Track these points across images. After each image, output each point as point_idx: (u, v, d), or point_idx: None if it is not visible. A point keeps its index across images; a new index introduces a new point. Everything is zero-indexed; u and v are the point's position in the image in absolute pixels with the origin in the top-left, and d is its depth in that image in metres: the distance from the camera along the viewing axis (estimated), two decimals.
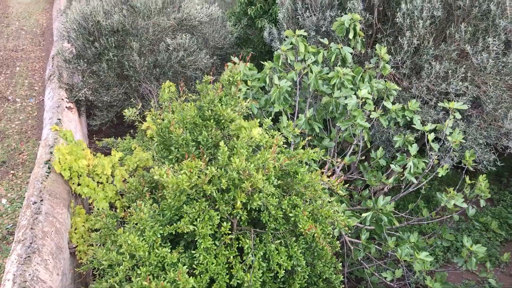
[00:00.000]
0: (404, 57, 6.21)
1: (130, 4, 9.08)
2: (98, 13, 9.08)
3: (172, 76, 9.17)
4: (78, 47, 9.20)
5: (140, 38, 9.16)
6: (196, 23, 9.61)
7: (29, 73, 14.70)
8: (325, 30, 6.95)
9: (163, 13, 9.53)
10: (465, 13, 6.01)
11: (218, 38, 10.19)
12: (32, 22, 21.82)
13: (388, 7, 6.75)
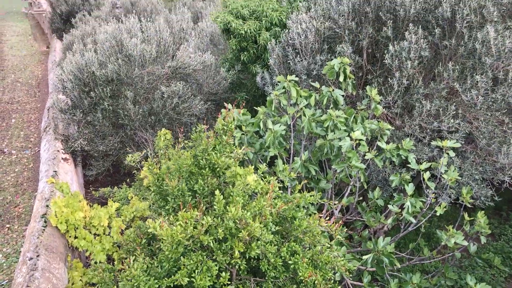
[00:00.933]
0: (395, 97, 6.31)
1: (125, 54, 9.26)
2: (93, 64, 9.25)
3: (167, 123, 9.24)
4: (73, 97, 9.31)
5: (135, 87, 9.30)
6: (190, 70, 9.79)
7: (24, 124, 14.79)
8: (316, 74, 7.08)
9: (157, 62, 9.71)
10: (451, 52, 6.15)
11: (212, 84, 10.35)
12: (27, 74, 22.15)
13: (377, 49, 6.91)
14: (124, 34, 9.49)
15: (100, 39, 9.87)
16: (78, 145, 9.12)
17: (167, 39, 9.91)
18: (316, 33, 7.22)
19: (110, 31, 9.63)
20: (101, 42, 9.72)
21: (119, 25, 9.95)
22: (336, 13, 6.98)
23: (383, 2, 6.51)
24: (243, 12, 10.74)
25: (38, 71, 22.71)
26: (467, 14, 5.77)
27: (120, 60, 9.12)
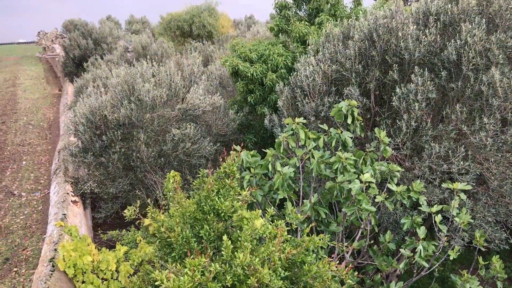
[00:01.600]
0: (404, 139, 6.30)
1: (137, 98, 9.41)
2: (105, 108, 9.41)
3: (177, 165, 9.28)
4: (85, 140, 9.42)
5: (145, 130, 9.40)
6: (199, 112, 9.90)
7: (35, 166, 14.91)
8: (324, 115, 7.13)
9: (167, 105, 9.85)
10: (459, 94, 6.18)
11: (221, 125, 10.45)
12: (39, 116, 22.54)
13: (384, 91, 6.97)
14: (137, 79, 9.67)
15: (112, 83, 10.07)
16: (88, 187, 9.16)
17: (178, 82, 10.08)
18: (323, 75, 7.32)
19: (123, 75, 9.83)
20: (113, 86, 9.91)
21: (131, 69, 10.16)
22: (343, 57, 7.09)
23: (388, 45, 6.61)
24: (251, 56, 10.97)
25: (49, 114, 23.11)
26: (473, 57, 5.83)
27: (132, 104, 9.26)
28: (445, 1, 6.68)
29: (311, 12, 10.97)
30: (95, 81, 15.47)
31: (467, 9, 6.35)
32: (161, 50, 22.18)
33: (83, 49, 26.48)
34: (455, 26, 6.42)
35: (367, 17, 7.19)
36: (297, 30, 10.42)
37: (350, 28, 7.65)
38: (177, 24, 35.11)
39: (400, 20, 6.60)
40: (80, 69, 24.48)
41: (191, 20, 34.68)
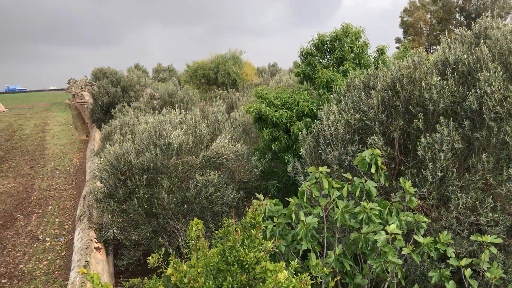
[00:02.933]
0: (430, 189, 6.20)
1: (163, 143, 9.55)
2: (130, 153, 9.58)
3: (199, 212, 9.28)
4: (109, 186, 9.55)
5: (169, 175, 9.50)
6: (223, 160, 9.99)
7: (60, 211, 15.11)
8: (347, 164, 7.10)
9: (192, 152, 9.98)
10: (484, 143, 6.10)
11: (244, 172, 10.48)
12: (66, 161, 23.04)
13: (408, 140, 6.93)
14: (165, 125, 9.88)
15: (140, 129, 10.30)
16: (111, 234, 9.20)
17: (203, 130, 10.25)
18: (346, 124, 7.34)
19: (151, 122, 10.06)
20: (140, 132, 10.13)
21: (159, 116, 10.38)
22: (366, 106, 7.13)
23: (412, 95, 6.63)
24: (276, 103, 11.13)
25: (76, 159, 23.60)
26: (493, 106, 5.79)
27: (158, 148, 9.41)
28: (462, 51, 6.72)
29: (336, 61, 11.15)
30: (122, 128, 15.84)
31: (481, 58, 6.36)
32: (187, 98, 22.70)
33: (111, 96, 27.30)
34: (473, 75, 6.42)
35: (390, 67, 7.27)
36: (324, 75, 10.56)
37: (372, 77, 7.73)
38: (202, 72, 36.05)
39: (423, 70, 6.64)
40: (108, 115, 25.17)
41: (216, 68, 35.59)
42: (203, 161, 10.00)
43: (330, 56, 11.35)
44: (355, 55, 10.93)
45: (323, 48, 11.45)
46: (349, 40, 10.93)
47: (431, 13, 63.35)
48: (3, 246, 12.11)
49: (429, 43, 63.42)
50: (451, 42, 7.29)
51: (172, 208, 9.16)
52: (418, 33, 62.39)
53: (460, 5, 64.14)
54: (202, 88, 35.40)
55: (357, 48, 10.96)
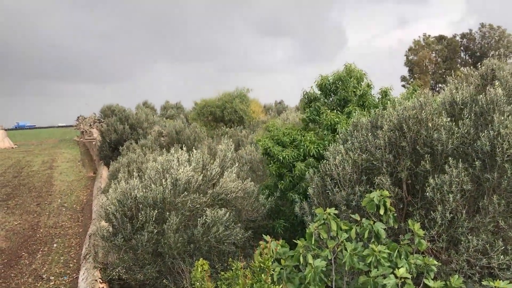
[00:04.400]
0: (439, 231, 6.12)
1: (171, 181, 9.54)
2: (137, 189, 9.58)
3: (206, 252, 9.17)
4: (116, 223, 9.50)
5: (177, 212, 9.45)
6: (231, 197, 9.96)
7: (65, 249, 15.00)
8: (355, 205, 7.05)
9: (200, 190, 9.96)
10: (495, 185, 6.05)
11: (251, 211, 10.41)
12: (73, 199, 23.04)
13: (416, 180, 6.89)
14: (173, 162, 9.91)
15: (148, 167, 10.34)
16: (116, 273, 9.09)
17: (213, 169, 10.27)
18: (353, 164, 7.34)
19: (160, 160, 10.11)
20: (149, 170, 10.17)
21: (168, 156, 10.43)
22: (373, 146, 7.14)
23: (419, 136, 6.65)
24: (284, 139, 11.19)
25: (83, 196, 23.60)
26: (507, 148, 5.77)
27: (166, 185, 9.40)
28: (472, 92, 6.77)
29: (339, 102, 11.25)
30: (129, 165, 15.91)
31: (495, 99, 6.39)
32: (194, 135, 22.86)
33: (119, 134, 27.56)
34: (486, 116, 6.43)
35: (396, 108, 7.32)
36: (328, 118, 10.65)
37: (378, 117, 7.78)
38: (210, 110, 36.43)
39: (430, 111, 6.68)
40: (116, 152, 25.33)
41: (223, 106, 35.97)
42: (211, 198, 9.97)
43: (334, 97, 11.46)
44: (359, 97, 11.04)
45: (326, 90, 11.58)
46: (352, 83, 11.07)
47: (436, 52, 64.17)
48: (7, 285, 11.97)
49: (435, 82, 63.92)
50: (458, 83, 7.35)
51: (178, 247, 9.06)
52: (424, 72, 63.01)
53: (464, 44, 65.00)
54: (210, 126, 35.69)
55: (360, 91, 11.08)
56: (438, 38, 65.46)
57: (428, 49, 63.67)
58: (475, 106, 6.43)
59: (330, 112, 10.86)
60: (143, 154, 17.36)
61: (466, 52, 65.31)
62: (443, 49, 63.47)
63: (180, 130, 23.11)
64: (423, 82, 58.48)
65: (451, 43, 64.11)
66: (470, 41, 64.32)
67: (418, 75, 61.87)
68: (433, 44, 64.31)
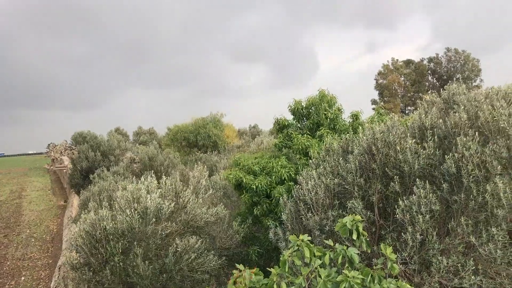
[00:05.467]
0: (411, 253, 6.17)
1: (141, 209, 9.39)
2: (106, 220, 9.38)
3: (179, 281, 9.00)
4: (84, 254, 9.26)
5: (147, 242, 9.27)
6: (202, 223, 9.84)
7: (34, 282, 14.49)
8: (329, 229, 7.06)
9: (171, 218, 9.82)
10: (462, 206, 6.17)
11: (225, 238, 10.31)
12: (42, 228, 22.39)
13: (387, 203, 6.97)
14: (142, 191, 9.76)
15: (118, 195, 10.16)
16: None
17: (186, 196, 10.16)
18: (326, 189, 7.38)
19: (130, 188, 9.95)
20: (118, 199, 9.98)
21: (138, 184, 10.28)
22: (344, 170, 7.22)
23: (388, 159, 6.76)
24: (254, 168, 11.19)
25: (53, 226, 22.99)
26: (472, 170, 5.92)
27: (136, 214, 9.24)
28: (438, 116, 6.96)
29: (312, 126, 11.39)
30: (100, 194, 15.61)
31: (459, 123, 6.58)
32: (167, 161, 22.65)
33: (91, 161, 27.08)
34: (450, 139, 6.60)
35: (365, 132, 7.44)
36: (299, 143, 10.75)
37: (349, 142, 7.89)
38: (183, 135, 36.30)
39: (397, 134, 6.82)
40: (87, 180, 24.83)
41: (197, 131, 35.92)
42: (182, 226, 9.83)
43: (307, 121, 11.61)
44: (330, 120, 11.21)
45: (299, 114, 11.73)
46: (323, 107, 11.26)
47: (404, 76, 65.89)
48: None
49: (404, 104, 65.47)
50: (427, 107, 7.55)
51: (150, 277, 8.87)
52: (393, 95, 64.50)
53: (431, 68, 67.01)
54: (183, 151, 35.50)
55: (332, 114, 11.27)
56: (406, 62, 67.35)
57: (397, 73, 65.35)
58: (438, 129, 6.61)
59: (301, 136, 10.97)
60: (115, 182, 17.07)
61: (433, 75, 67.29)
62: (411, 73, 65.26)
63: (153, 156, 22.88)
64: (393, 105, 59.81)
65: (419, 67, 66.01)
66: (437, 65, 66.38)
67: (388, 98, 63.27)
68: (402, 68, 66.08)
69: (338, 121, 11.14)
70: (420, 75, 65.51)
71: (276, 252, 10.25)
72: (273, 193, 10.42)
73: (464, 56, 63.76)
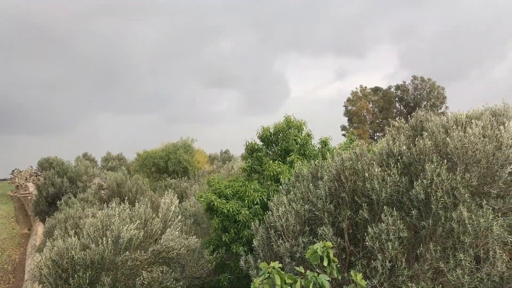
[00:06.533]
0: (381, 279, 6.20)
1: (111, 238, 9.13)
2: (74, 248, 9.08)
3: None
4: (49, 285, 8.90)
5: (115, 272, 9.00)
6: (174, 254, 9.64)
7: None
8: (299, 256, 7.03)
9: (141, 247, 9.57)
10: (430, 232, 6.26)
11: (196, 267, 10.10)
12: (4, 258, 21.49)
13: (357, 230, 7.02)
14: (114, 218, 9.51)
15: (87, 223, 9.86)
16: None
17: (155, 225, 9.94)
18: (296, 215, 7.38)
19: (99, 216, 9.68)
20: (87, 226, 9.69)
21: (108, 210, 10.02)
22: (314, 197, 7.25)
23: (357, 186, 6.84)
24: (226, 192, 11.13)
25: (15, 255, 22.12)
26: (441, 196, 6.04)
27: (105, 244, 8.98)
28: (405, 143, 7.11)
29: (281, 152, 11.47)
30: (67, 221, 15.16)
31: (424, 150, 6.72)
32: (136, 187, 22.27)
33: (58, 187, 26.37)
34: (416, 165, 6.73)
35: (334, 159, 7.52)
36: (271, 169, 10.78)
37: (318, 168, 7.95)
38: (153, 161, 35.87)
39: (365, 162, 6.93)
40: (53, 207, 24.11)
41: (167, 157, 35.58)
42: (152, 256, 9.60)
43: (276, 147, 11.69)
44: (300, 146, 11.32)
45: (268, 140, 11.81)
46: (293, 132, 11.38)
47: (372, 103, 67.34)
48: None
49: (373, 130, 66.73)
50: (395, 134, 7.70)
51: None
52: (362, 121, 65.71)
53: (399, 95, 68.76)
54: (153, 177, 35.02)
55: (301, 140, 11.38)
56: (374, 90, 68.95)
57: (365, 100, 66.78)
58: (404, 157, 6.75)
59: (273, 162, 11.01)
60: (82, 208, 16.64)
61: (400, 102, 69.01)
62: (379, 100, 66.80)
63: (121, 182, 22.46)
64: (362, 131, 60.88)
65: (387, 94, 67.65)
66: (404, 92, 68.16)
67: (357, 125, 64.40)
68: (370, 95, 67.57)
69: (308, 147, 11.25)
70: (387, 102, 67.08)
71: (247, 279, 10.11)
72: (239, 216, 10.36)
73: (430, 84, 65.77)
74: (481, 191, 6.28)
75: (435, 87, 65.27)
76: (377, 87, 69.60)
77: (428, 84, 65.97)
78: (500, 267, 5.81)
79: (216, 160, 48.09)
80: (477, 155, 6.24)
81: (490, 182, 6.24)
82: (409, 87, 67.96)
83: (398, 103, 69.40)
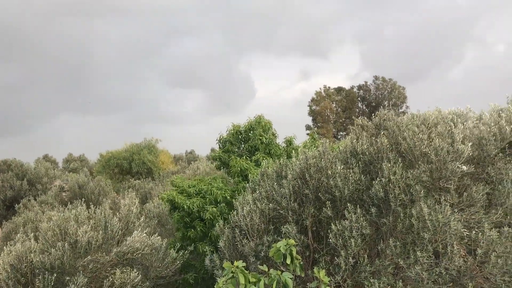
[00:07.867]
0: (344, 276, 6.31)
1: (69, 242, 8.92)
2: (33, 252, 8.83)
3: None
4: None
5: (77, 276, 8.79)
6: (138, 256, 9.49)
7: None
8: (264, 255, 7.07)
9: (102, 249, 9.39)
10: (391, 229, 6.42)
11: (160, 268, 9.99)
12: None
13: (321, 227, 7.12)
14: (70, 222, 9.28)
15: (44, 227, 9.59)
16: None
17: (114, 224, 9.76)
18: (261, 214, 7.41)
19: (55, 219, 9.43)
20: (44, 231, 9.42)
21: (64, 213, 9.78)
22: (279, 195, 7.30)
23: (320, 183, 6.93)
24: (189, 191, 11.09)
25: None
26: (399, 194, 6.20)
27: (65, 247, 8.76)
28: (367, 141, 7.26)
29: (250, 150, 11.52)
30: (25, 225, 14.70)
31: (381, 148, 6.89)
32: (98, 189, 21.84)
33: (16, 190, 25.54)
34: (375, 164, 6.90)
35: (299, 157, 7.60)
36: (238, 164, 10.81)
37: (283, 167, 8.01)
38: (116, 162, 35.22)
39: (329, 159, 7.03)
40: (11, 211, 23.31)
41: (130, 157, 35.01)
42: (116, 257, 9.43)
43: (245, 145, 11.74)
44: (265, 145, 11.40)
45: (238, 138, 11.86)
46: (258, 132, 11.46)
47: (336, 102, 68.35)
48: None
49: (337, 130, 67.73)
50: (359, 133, 7.84)
51: None
52: (326, 121, 66.59)
53: (361, 95, 70.06)
54: (116, 178, 34.39)
55: (267, 139, 11.47)
56: (337, 90, 69.99)
57: (329, 100, 67.71)
58: (364, 155, 6.90)
59: (240, 158, 11.04)
60: (42, 212, 16.17)
61: (363, 102, 70.34)
62: (342, 100, 67.89)
63: (83, 184, 21.99)
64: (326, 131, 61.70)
65: (349, 94, 68.82)
66: (366, 92, 69.52)
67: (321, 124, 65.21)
68: (333, 95, 68.55)
69: (273, 146, 11.34)
70: (350, 102, 68.25)
71: (212, 280, 10.07)
72: (205, 214, 10.34)
73: (391, 84, 67.31)
74: (438, 186, 6.47)
75: (396, 87, 66.85)
76: (340, 87, 70.66)
77: (389, 84, 67.51)
78: (457, 262, 6.00)
79: (181, 161, 47.66)
80: (426, 151, 6.41)
81: (447, 177, 6.43)
82: (371, 87, 69.35)
83: (360, 102, 70.70)
